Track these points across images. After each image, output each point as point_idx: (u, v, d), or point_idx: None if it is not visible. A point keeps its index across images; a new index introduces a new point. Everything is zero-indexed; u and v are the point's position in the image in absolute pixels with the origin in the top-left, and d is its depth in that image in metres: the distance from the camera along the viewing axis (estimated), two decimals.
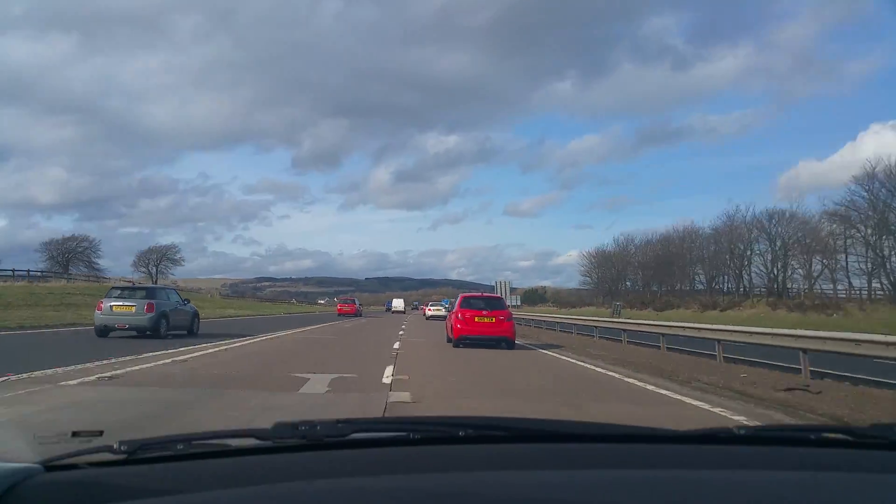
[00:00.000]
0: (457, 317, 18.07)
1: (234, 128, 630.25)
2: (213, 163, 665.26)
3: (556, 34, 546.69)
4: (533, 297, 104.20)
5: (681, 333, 17.26)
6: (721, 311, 52.43)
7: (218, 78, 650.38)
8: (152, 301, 17.64)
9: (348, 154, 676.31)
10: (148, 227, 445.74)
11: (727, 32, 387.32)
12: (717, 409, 7.64)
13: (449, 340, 19.06)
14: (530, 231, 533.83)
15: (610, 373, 11.85)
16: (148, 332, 17.31)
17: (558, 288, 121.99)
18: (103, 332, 17.36)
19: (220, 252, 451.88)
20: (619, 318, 43.15)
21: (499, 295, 22.39)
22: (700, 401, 8.30)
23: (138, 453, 1.42)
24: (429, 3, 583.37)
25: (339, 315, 51.89)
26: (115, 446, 1.42)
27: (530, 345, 20.14)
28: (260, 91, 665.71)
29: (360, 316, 53.09)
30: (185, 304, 19.92)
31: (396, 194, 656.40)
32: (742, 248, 68.47)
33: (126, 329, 17.37)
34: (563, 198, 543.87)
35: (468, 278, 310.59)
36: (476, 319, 17.73)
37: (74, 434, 1.75)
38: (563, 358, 15.25)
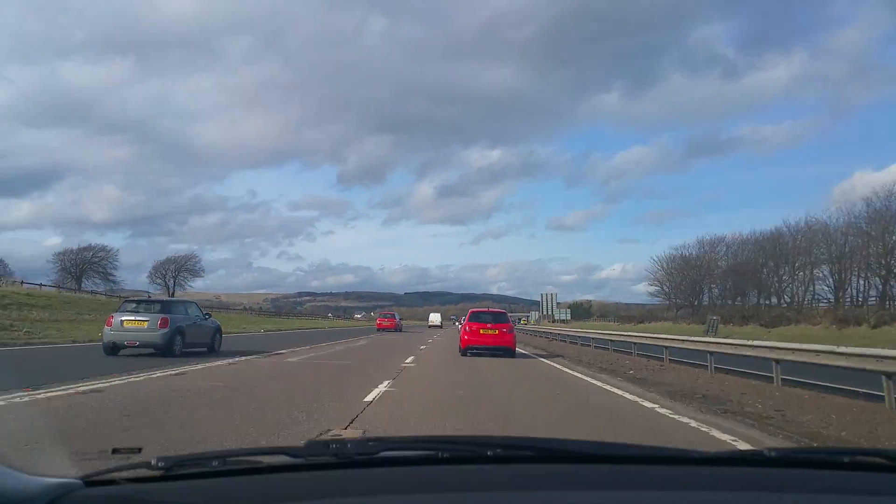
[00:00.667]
0: (465, 329, 20.01)
1: (283, 146, 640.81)
2: (261, 180, 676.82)
3: (602, 45, 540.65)
4: (578, 310, 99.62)
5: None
6: (872, 327, 36.46)
7: (267, 97, 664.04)
8: (167, 315, 15.72)
9: (392, 169, 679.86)
10: (197, 243, 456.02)
11: (779, 39, 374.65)
12: None
13: (460, 350, 20.09)
14: (573, 245, 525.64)
15: None
16: (161, 350, 15.39)
17: (604, 301, 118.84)
18: (112, 349, 15.58)
19: (264, 267, 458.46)
20: (715, 336, 35.03)
21: (502, 310, 24.41)
22: None
23: (175, 469, 1.44)
24: (473, 18, 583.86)
25: (379, 330, 49.97)
26: (152, 462, 1.44)
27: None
28: (308, 109, 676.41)
29: (400, 331, 50.92)
30: (206, 319, 18.02)
31: (439, 209, 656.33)
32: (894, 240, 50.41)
33: (137, 346, 15.48)
34: (608, 211, 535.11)
35: (508, 293, 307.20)
36: (481, 332, 19.44)
37: (114, 451, 1.92)
38: None
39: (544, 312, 75.53)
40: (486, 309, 23.28)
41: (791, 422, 7.82)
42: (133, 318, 15.69)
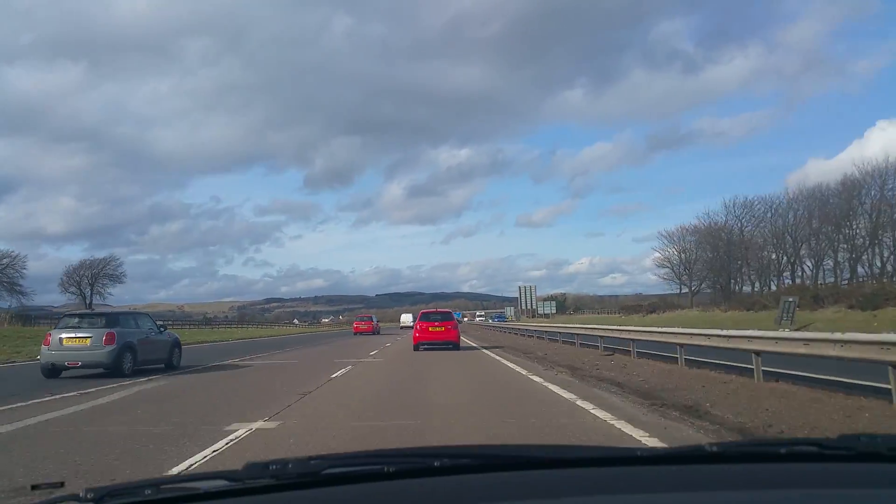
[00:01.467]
0: (416, 328, 22.92)
1: (246, 150, 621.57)
2: (225, 186, 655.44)
3: (566, 43, 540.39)
4: (557, 304, 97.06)
5: None
6: None
7: (228, 100, 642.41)
8: (113, 330, 13.86)
9: (360, 171, 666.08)
10: (159, 253, 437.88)
11: (736, 34, 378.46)
12: None
13: (413, 347, 22.42)
14: (542, 241, 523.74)
15: None
16: (108, 370, 13.56)
17: (578, 294, 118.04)
18: (52, 371, 13.69)
19: (230, 275, 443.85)
20: (791, 325, 27.90)
21: (448, 310, 27.23)
22: None
23: (106, 501, 1.35)
24: (438, 18, 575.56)
25: (356, 334, 48.04)
26: (81, 495, 1.35)
27: None
28: (271, 112, 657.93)
29: (378, 333, 49.02)
30: (161, 332, 16.13)
31: (409, 210, 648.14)
32: None
33: (80, 367, 13.59)
34: (575, 206, 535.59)
35: (480, 290, 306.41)
36: (430, 329, 22.22)
37: (34, 487, 1.78)
38: None
39: (523, 307, 70.81)
40: (435, 310, 26.30)
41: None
42: (74, 335, 13.79)
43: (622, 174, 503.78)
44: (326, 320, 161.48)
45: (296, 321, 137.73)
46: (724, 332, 12.04)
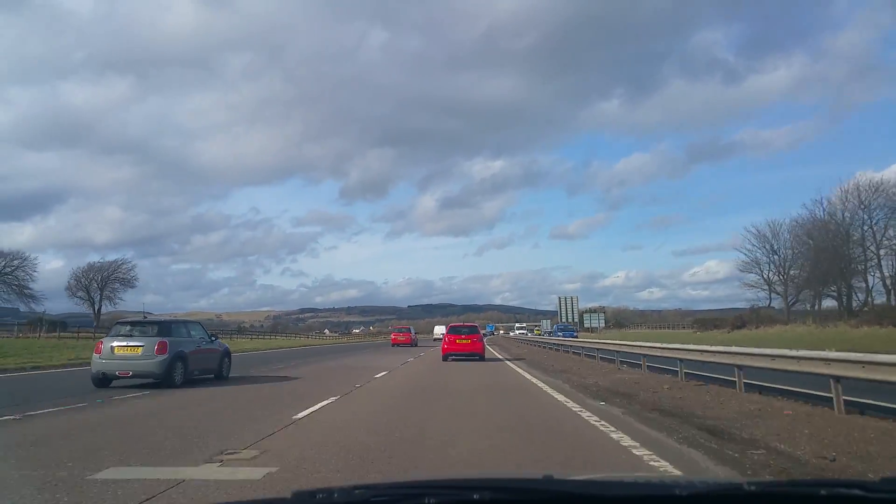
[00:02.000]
0: (445, 340, 25.11)
1: (285, 161, 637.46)
2: (264, 197, 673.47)
3: (602, 53, 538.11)
4: (594, 318, 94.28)
5: None
6: None
7: (268, 113, 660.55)
8: (165, 339, 13.33)
9: (395, 183, 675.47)
10: (200, 262, 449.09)
11: (779, 42, 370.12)
12: None
13: (442, 357, 24.82)
14: (577, 253, 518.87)
15: None
16: (159, 380, 13.00)
17: (619, 308, 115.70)
18: (102, 381, 13.17)
19: (267, 285, 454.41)
20: None
21: (474, 324, 30.25)
22: None
23: None
24: (473, 30, 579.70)
25: (394, 345, 47.41)
26: None
27: None
28: (309, 125, 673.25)
29: (416, 346, 48.11)
30: (212, 342, 15.63)
31: (442, 221, 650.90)
32: None
33: (130, 377, 13.05)
34: (611, 218, 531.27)
35: (512, 303, 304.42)
36: (457, 341, 24.52)
37: None
38: None
39: (563, 319, 66.63)
40: (462, 324, 29.24)
41: None
42: (125, 343, 13.27)
43: (660, 186, 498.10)
44: (357, 331, 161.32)
45: (326, 331, 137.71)
46: None
